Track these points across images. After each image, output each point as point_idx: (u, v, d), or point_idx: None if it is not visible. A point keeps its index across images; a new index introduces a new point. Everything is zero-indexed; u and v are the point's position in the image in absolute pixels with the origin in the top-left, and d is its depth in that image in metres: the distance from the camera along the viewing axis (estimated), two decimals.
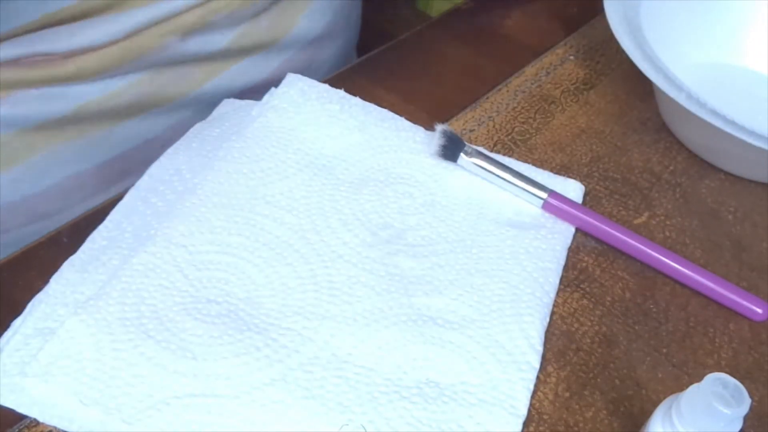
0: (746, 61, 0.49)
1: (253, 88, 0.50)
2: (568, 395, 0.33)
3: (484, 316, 0.34)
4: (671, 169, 0.43)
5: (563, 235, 0.38)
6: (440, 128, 0.39)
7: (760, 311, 0.36)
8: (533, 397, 0.32)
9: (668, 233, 0.40)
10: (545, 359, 0.34)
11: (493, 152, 0.42)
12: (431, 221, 0.37)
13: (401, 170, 0.39)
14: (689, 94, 0.39)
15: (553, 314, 0.35)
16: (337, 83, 0.42)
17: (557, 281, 0.36)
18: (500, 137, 0.43)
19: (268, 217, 0.36)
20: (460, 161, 0.39)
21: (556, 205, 0.38)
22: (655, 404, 0.28)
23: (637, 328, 0.35)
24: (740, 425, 0.25)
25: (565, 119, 0.44)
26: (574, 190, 0.40)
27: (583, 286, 0.37)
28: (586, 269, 0.37)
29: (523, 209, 0.39)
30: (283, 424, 0.29)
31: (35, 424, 0.29)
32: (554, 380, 0.33)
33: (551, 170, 0.41)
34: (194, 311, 0.32)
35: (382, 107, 0.42)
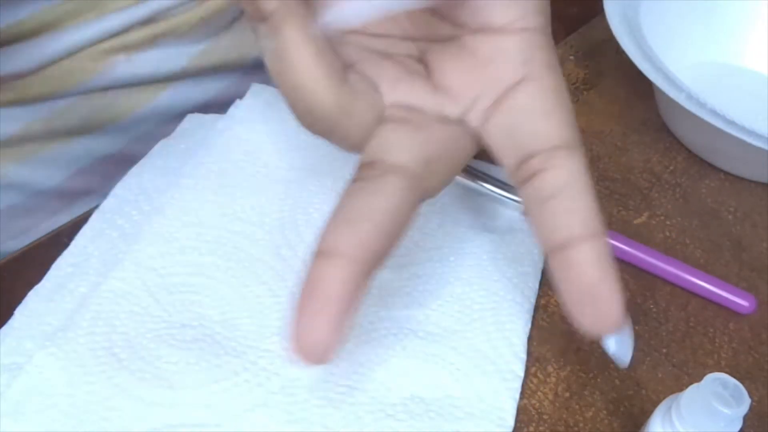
0: (746, 61, 0.50)
1: (217, 98, 0.49)
2: (567, 395, 0.32)
3: (465, 326, 0.33)
4: (671, 169, 0.43)
5: None
6: None
7: (746, 304, 0.36)
8: (533, 397, 0.32)
9: (668, 233, 0.40)
10: (545, 359, 0.33)
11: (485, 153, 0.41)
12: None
13: None
14: (689, 94, 0.39)
15: (552, 314, 0.35)
16: None
17: (537, 285, 0.36)
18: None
19: (239, 234, 0.35)
20: None
21: None
22: (655, 404, 0.28)
23: (637, 328, 0.35)
24: (740, 425, 0.24)
25: None
26: None
27: None
28: None
29: (498, 213, 0.38)
30: None
31: None
32: (554, 380, 0.33)
33: None
34: (168, 337, 0.31)
35: None
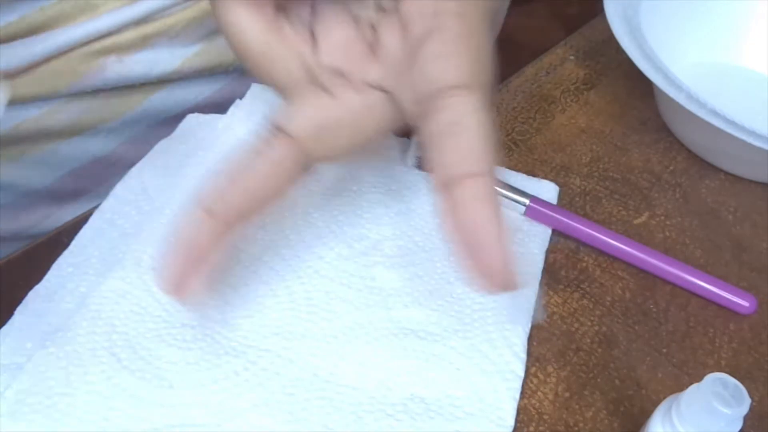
0: (746, 61, 0.50)
1: (207, 99, 0.49)
2: (568, 395, 0.32)
3: (465, 325, 0.33)
4: (671, 169, 0.43)
5: (540, 237, 0.38)
6: (416, 139, 0.38)
7: (746, 304, 0.36)
8: (533, 397, 0.32)
9: (668, 233, 0.40)
10: (545, 359, 0.33)
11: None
12: (407, 230, 0.37)
13: (374, 179, 0.38)
14: (689, 94, 0.39)
15: (552, 314, 0.35)
16: None
17: (537, 285, 0.36)
18: (500, 137, 0.43)
19: (239, 234, 0.35)
20: None
21: (538, 209, 0.38)
22: (655, 404, 0.28)
23: (637, 328, 0.35)
24: (740, 425, 0.24)
25: (565, 119, 0.44)
26: (549, 191, 0.40)
27: (583, 286, 0.37)
28: (586, 269, 0.37)
29: None
30: None
31: None
32: (554, 380, 0.33)
33: (551, 170, 0.41)
34: (168, 337, 0.31)
35: None
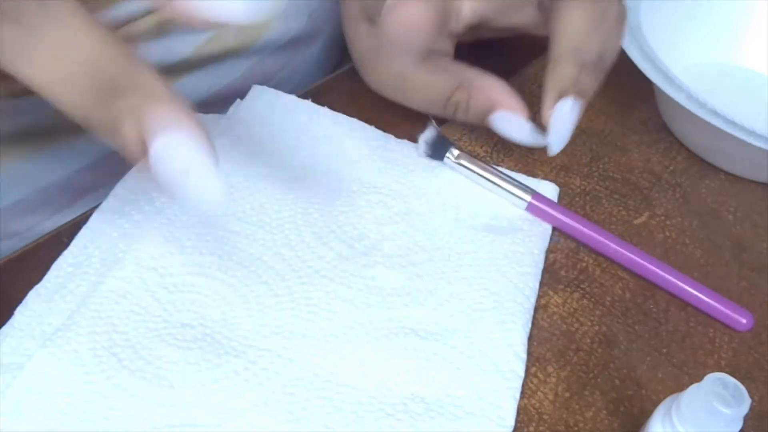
0: (746, 61, 0.50)
1: (221, 92, 0.49)
2: (568, 395, 0.32)
3: (466, 325, 0.33)
4: (671, 169, 0.43)
5: (540, 237, 0.38)
6: (429, 127, 0.39)
7: (743, 321, 0.35)
8: (533, 397, 0.32)
9: (668, 233, 0.40)
10: (545, 359, 0.33)
11: (494, 151, 0.42)
12: (407, 230, 0.37)
13: (374, 179, 0.38)
14: (689, 94, 0.39)
15: (553, 314, 0.35)
16: (321, 92, 0.42)
17: (537, 285, 0.36)
18: (500, 138, 0.42)
19: (240, 234, 0.35)
20: (446, 160, 0.39)
21: (539, 206, 0.38)
22: (655, 404, 0.28)
23: (637, 328, 0.35)
24: (740, 425, 0.24)
25: None
26: (549, 191, 0.40)
27: (583, 286, 0.37)
28: (586, 269, 0.37)
29: (499, 213, 0.38)
30: None
31: None
32: (554, 380, 0.33)
33: (551, 170, 0.41)
34: (169, 337, 0.31)
35: (374, 113, 0.41)
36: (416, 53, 0.38)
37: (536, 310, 0.35)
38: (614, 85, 0.47)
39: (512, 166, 0.41)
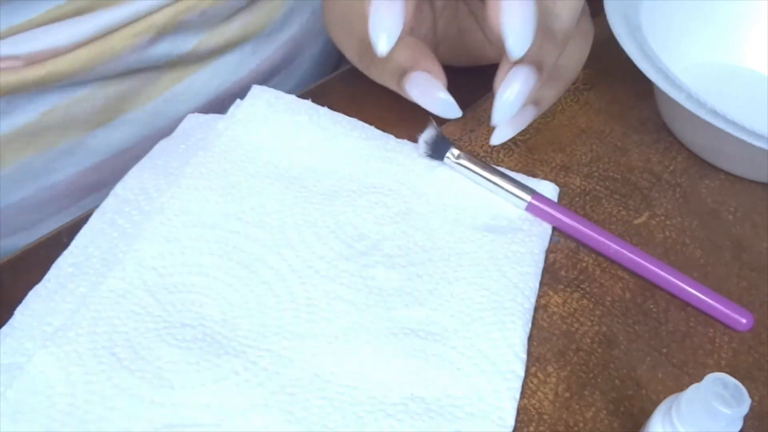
0: (746, 61, 0.50)
1: (226, 91, 0.49)
2: (568, 395, 0.32)
3: (466, 325, 0.33)
4: (671, 169, 0.43)
5: (540, 237, 0.38)
6: (429, 127, 0.39)
7: (743, 321, 0.35)
8: (533, 397, 0.32)
9: (668, 233, 0.40)
10: (545, 359, 0.33)
11: (493, 151, 0.42)
12: (407, 230, 0.37)
13: (374, 179, 0.38)
14: (689, 94, 0.39)
15: (553, 314, 0.35)
16: (321, 92, 0.42)
17: (537, 285, 0.36)
18: None
19: (240, 234, 0.35)
20: (446, 160, 0.39)
21: (539, 206, 0.38)
22: (655, 404, 0.28)
23: (637, 328, 0.35)
24: (740, 425, 0.24)
25: (565, 119, 0.44)
26: (549, 191, 0.40)
27: (583, 286, 0.37)
28: (586, 269, 0.37)
29: (499, 213, 0.38)
30: None
31: None
32: (554, 380, 0.33)
33: (551, 170, 0.42)
34: (169, 337, 0.31)
35: (374, 113, 0.41)
36: None
37: (536, 310, 0.35)
38: (614, 85, 0.47)
39: (512, 166, 0.41)
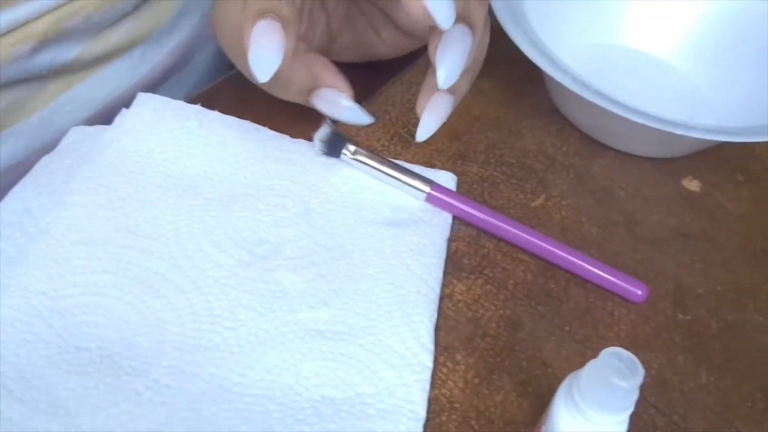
0: (628, 40, 0.51)
1: (116, 99, 0.47)
2: (477, 381, 0.33)
3: (372, 322, 0.33)
4: (564, 150, 0.44)
5: (441, 227, 0.38)
6: (324, 125, 0.38)
7: (639, 292, 0.36)
8: (443, 386, 0.32)
9: (564, 213, 0.41)
10: (453, 348, 0.34)
11: (390, 144, 0.42)
12: (308, 230, 0.36)
13: (270, 182, 0.38)
14: (574, 76, 0.40)
15: (458, 302, 0.35)
16: (210, 96, 0.41)
17: (441, 275, 0.36)
18: (396, 130, 0.43)
19: (133, 248, 0.34)
20: (343, 157, 0.38)
21: (439, 197, 0.38)
22: (561, 381, 0.29)
23: (540, 308, 0.36)
24: (636, 396, 0.25)
25: (459, 108, 0.44)
26: (447, 181, 0.40)
27: (485, 272, 0.37)
28: (488, 255, 0.38)
29: (399, 206, 0.38)
30: None
31: None
32: (463, 368, 0.33)
33: (448, 159, 0.42)
34: (63, 363, 0.30)
35: (266, 114, 0.40)
36: None
37: (441, 299, 0.35)
38: (505, 72, 0.48)
39: (410, 158, 0.41)
